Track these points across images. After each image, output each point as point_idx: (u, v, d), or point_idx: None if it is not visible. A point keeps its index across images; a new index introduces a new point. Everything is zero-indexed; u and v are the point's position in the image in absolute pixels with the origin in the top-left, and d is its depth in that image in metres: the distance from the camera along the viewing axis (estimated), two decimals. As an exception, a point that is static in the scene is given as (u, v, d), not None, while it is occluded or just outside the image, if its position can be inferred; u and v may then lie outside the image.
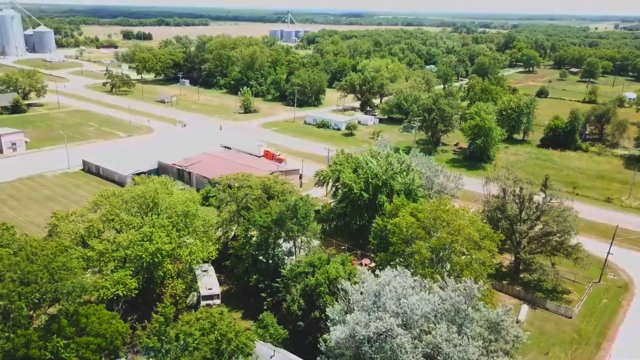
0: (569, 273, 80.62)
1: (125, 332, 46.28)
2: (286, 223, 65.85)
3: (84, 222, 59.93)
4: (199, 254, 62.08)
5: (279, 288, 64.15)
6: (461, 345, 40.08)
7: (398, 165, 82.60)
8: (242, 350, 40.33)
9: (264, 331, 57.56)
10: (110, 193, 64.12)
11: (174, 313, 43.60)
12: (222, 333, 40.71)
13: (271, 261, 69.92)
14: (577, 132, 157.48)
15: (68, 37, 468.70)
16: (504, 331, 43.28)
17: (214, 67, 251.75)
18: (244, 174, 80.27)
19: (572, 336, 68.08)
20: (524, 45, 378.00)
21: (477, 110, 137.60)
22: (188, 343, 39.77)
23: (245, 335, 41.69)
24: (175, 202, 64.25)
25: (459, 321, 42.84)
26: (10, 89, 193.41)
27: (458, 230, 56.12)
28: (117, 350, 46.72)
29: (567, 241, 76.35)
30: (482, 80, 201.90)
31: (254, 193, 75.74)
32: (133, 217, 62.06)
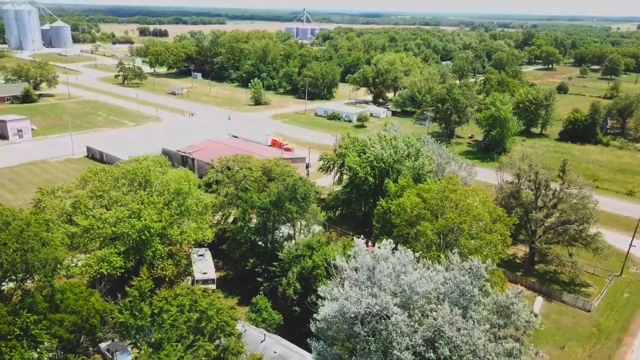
0: (587, 265, 75.65)
1: (102, 310, 42.92)
2: (284, 204, 62.21)
3: (70, 198, 56.89)
4: (191, 233, 58.70)
5: (276, 272, 60.58)
6: (466, 329, 35.88)
7: (405, 148, 78.33)
8: (222, 329, 36.69)
9: (257, 315, 54.00)
10: (100, 169, 61.19)
11: (150, 287, 40.15)
12: (201, 310, 37.14)
13: (269, 245, 66.40)
14: (598, 125, 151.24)
15: (85, 33, 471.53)
16: (514, 315, 38.87)
17: (227, 61, 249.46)
18: (243, 156, 76.81)
19: (591, 330, 63.30)
20: (543, 42, 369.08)
21: (493, 100, 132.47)
22: (164, 319, 36.29)
23: (227, 314, 38.05)
24: (168, 180, 60.99)
25: (463, 303, 38.57)
26: (21, 79, 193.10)
27: (467, 210, 51.80)
28: (94, 329, 43.38)
29: (585, 230, 71.48)
30: (499, 73, 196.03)
31: (253, 175, 72.24)
32: (123, 195, 58.93)
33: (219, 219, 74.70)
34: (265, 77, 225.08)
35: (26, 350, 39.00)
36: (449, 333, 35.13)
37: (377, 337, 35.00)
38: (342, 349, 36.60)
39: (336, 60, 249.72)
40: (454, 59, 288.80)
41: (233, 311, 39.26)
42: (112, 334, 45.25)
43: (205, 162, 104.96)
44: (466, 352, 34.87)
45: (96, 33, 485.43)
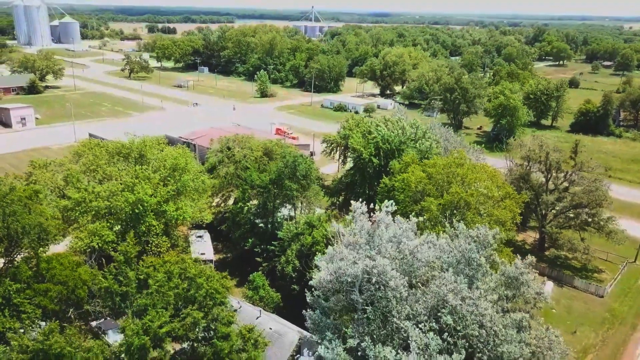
0: (600, 252, 72.88)
1: (90, 281, 40.91)
2: (284, 182, 60.01)
3: (63, 172, 55.07)
4: (187, 209, 56.60)
5: (275, 252, 58.42)
6: (471, 299, 33.50)
7: (412, 130, 75.83)
8: (212, 297, 34.53)
9: (254, 293, 51.93)
10: (95, 143, 59.39)
11: (137, 253, 38.14)
12: (190, 277, 35.01)
13: (270, 226, 64.26)
14: (610, 117, 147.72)
15: (93, 29, 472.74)
16: (523, 287, 36.43)
17: (233, 54, 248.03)
18: (244, 136, 74.69)
19: (604, 316, 60.61)
20: (554, 38, 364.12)
21: (502, 89, 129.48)
22: (149, 285, 34.22)
23: (219, 282, 35.92)
24: (165, 156, 59.05)
25: (469, 273, 36.23)
26: (28, 71, 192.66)
27: (474, 184, 49.29)
28: (81, 301, 41.37)
29: (598, 214, 68.67)
30: (509, 65, 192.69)
31: (254, 155, 70.14)
32: (118, 170, 57.06)
33: (218, 201, 72.78)
34: (272, 71, 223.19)
35: (8, 320, 37.11)
36: (453, 302, 32.77)
37: (375, 305, 32.72)
38: (339, 318, 34.35)
39: (344, 55, 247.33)
40: (463, 54, 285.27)
41: (225, 280, 37.11)
42: (101, 308, 43.21)
43: (207, 147, 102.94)
44: (471, 322, 32.45)
45: (105, 30, 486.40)
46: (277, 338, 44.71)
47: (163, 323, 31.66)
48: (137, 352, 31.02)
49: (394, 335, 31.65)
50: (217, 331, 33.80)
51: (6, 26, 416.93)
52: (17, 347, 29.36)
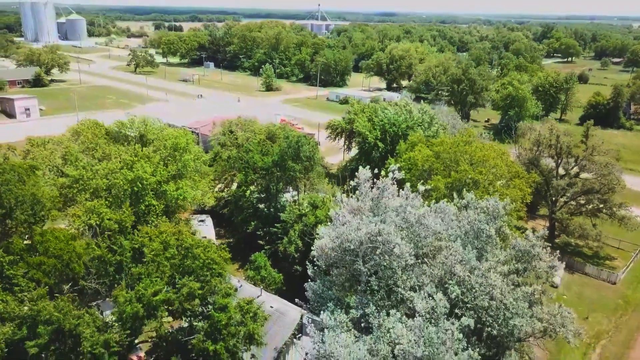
0: (612, 240, 71.01)
1: (85, 254, 39.57)
2: (287, 163, 58.58)
3: (61, 150, 53.89)
4: (187, 189, 55.26)
5: (278, 234, 57.06)
6: (480, 270, 31.93)
7: (419, 115, 74.25)
8: (210, 268, 33.14)
9: (255, 273, 50.50)
10: (93, 122, 58.15)
11: (132, 222, 36.82)
12: (186, 247, 33.62)
13: (272, 210, 62.87)
14: (621, 109, 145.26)
15: (100, 27, 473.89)
16: (535, 260, 34.79)
17: (239, 50, 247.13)
18: (247, 119, 73.35)
19: (617, 302, 58.82)
20: (562, 35, 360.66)
21: (511, 80, 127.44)
22: (144, 254, 32.89)
23: (217, 253, 34.55)
24: (165, 136, 57.78)
25: (478, 245, 34.67)
26: (33, 65, 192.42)
27: (483, 162, 47.63)
28: (76, 276, 40.01)
29: (610, 199, 66.75)
30: (517, 58, 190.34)
31: (257, 138, 68.78)
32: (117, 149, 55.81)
33: (221, 186, 71.52)
34: (278, 65, 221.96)
35: (0, 293, 35.84)
36: (461, 273, 31.19)
37: (379, 275, 31.18)
38: (342, 289, 32.82)
39: (350, 50, 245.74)
40: (470, 50, 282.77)
41: (223, 252, 35.71)
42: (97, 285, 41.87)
43: (210, 136, 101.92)
44: (480, 294, 30.85)
45: (112, 28, 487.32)
46: (279, 316, 43.31)
47: (157, 291, 30.29)
48: (130, 320, 29.70)
49: (398, 306, 30.13)
50: (215, 303, 32.39)
51: (14, 23, 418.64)
52: (4, 313, 28.11)
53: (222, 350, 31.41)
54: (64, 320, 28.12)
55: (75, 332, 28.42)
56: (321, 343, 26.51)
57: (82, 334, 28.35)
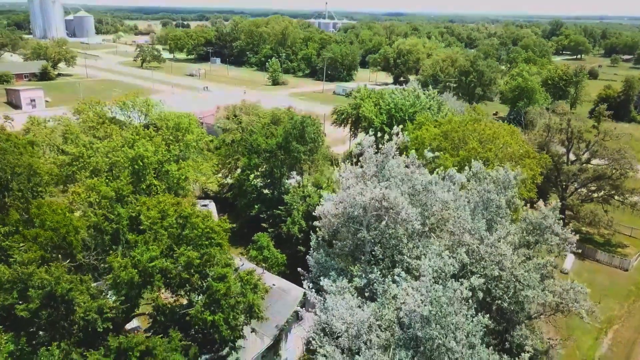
0: (624, 227, 69.38)
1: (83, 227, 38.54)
2: (292, 144, 57.44)
3: (62, 129, 53.07)
4: (189, 170, 54.25)
5: (282, 216, 55.94)
6: (489, 239, 30.59)
7: (427, 100, 72.85)
8: (208, 237, 31.99)
9: (258, 253, 49.38)
10: (96, 102, 57.34)
11: (130, 191, 35.77)
12: (184, 216, 32.50)
13: (276, 193, 61.81)
14: (632, 103, 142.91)
15: (108, 25, 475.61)
16: (547, 232, 33.40)
17: (245, 45, 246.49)
18: (251, 103, 72.34)
19: (629, 289, 57.26)
20: (571, 32, 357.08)
21: (520, 71, 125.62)
22: (141, 221, 31.80)
23: (215, 223, 33.43)
24: (167, 116, 56.86)
25: (487, 216, 33.33)
26: (40, 58, 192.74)
27: (492, 139, 46.23)
28: (73, 250, 38.95)
29: (622, 185, 65.14)
30: (525, 52, 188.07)
31: (261, 121, 67.72)
32: (119, 128, 55.01)
33: (225, 172, 70.59)
34: (284, 60, 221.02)
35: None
36: (469, 241, 29.86)
37: (384, 243, 29.94)
38: (345, 260, 31.61)
39: (357, 46, 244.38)
40: (478, 47, 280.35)
41: (222, 221, 34.57)
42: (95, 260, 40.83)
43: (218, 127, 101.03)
44: (490, 264, 29.53)
45: (119, 26, 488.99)
46: (281, 294, 42.22)
47: (153, 257, 29.18)
48: (125, 287, 28.61)
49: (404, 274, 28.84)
50: (214, 273, 31.23)
51: (22, 21, 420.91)
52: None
53: (221, 321, 30.26)
54: (55, 285, 27.08)
55: (68, 298, 27.38)
56: (322, 309, 25.30)
57: (75, 300, 27.30)
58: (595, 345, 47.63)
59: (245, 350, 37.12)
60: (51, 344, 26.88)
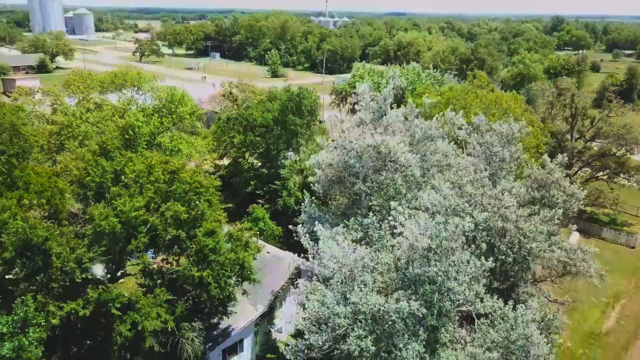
0: (630, 207, 67.67)
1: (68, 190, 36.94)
2: (288, 116, 55.83)
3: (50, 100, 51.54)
4: (181, 142, 52.70)
5: (278, 191, 54.37)
6: (493, 191, 28.94)
7: (427, 79, 71.26)
8: (197, 192, 30.35)
9: (253, 225, 47.73)
10: (87, 74, 55.79)
11: (116, 146, 34.07)
12: (172, 170, 30.84)
13: (273, 170, 60.22)
14: (636, 92, 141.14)
15: (108, 23, 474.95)
16: (554, 188, 31.78)
17: (245, 39, 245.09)
18: (247, 83, 70.82)
19: (636, 265, 55.71)
20: (573, 27, 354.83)
21: (521, 58, 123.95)
22: (125, 174, 30.17)
23: (206, 179, 31.81)
24: (160, 88, 55.30)
25: (491, 170, 31.68)
26: (38, 51, 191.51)
27: (495, 103, 44.59)
28: (58, 214, 37.32)
29: (628, 162, 63.51)
30: (527, 42, 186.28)
31: (257, 98, 66.14)
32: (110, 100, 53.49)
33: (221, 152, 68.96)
34: (284, 54, 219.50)
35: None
36: (471, 190, 28.18)
37: (382, 195, 28.31)
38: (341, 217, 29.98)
39: (357, 40, 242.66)
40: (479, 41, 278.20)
41: (213, 178, 32.95)
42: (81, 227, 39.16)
43: (213, 112, 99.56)
44: (493, 215, 27.88)
45: (119, 24, 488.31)
46: (276, 262, 40.72)
47: (137, 207, 27.54)
48: (107, 239, 26.98)
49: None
50: (202, 228, 29.58)
51: (22, 19, 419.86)
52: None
53: (210, 279, 28.60)
54: (31, 234, 25.48)
55: (45, 248, 25.77)
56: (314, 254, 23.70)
57: (52, 250, 25.68)
58: (602, 318, 45.99)
59: (237, 317, 35.54)
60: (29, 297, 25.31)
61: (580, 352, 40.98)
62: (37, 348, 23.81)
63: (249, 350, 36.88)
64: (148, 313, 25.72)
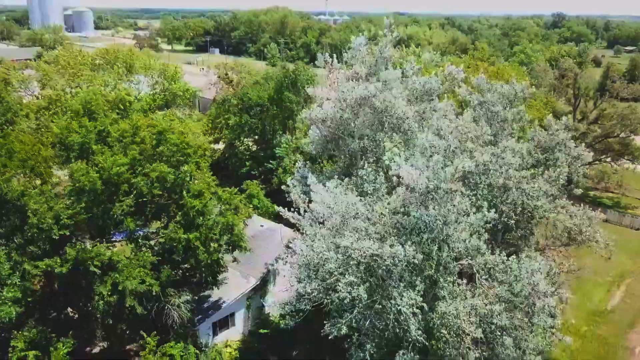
0: (635, 191, 66.30)
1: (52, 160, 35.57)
2: (284, 94, 54.45)
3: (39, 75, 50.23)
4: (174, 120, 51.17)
5: (273, 171, 53.08)
6: (495, 148, 27.53)
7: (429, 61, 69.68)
8: (183, 152, 28.92)
9: (247, 201, 46.15)
10: (77, 51, 54.52)
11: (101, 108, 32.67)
12: (158, 131, 29.41)
13: (269, 151, 58.83)
14: (638, 82, 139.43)
15: (108, 21, 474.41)
16: (558, 150, 30.37)
17: (244, 35, 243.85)
18: (243, 64, 69.46)
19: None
20: (574, 24, 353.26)
21: (523, 48, 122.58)
22: (109, 133, 28.80)
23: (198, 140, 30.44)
24: (152, 64, 53.98)
25: (492, 132, 30.25)
26: (36, 45, 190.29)
27: (496, 74, 43.21)
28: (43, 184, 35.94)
29: (633, 144, 62.12)
30: (528, 36, 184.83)
31: (253, 78, 64.80)
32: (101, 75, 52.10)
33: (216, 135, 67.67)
34: (283, 49, 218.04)
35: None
36: (472, 145, 26.76)
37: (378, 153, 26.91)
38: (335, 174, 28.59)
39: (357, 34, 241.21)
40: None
41: (206, 143, 31.52)
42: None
43: (208, 98, 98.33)
44: (495, 173, 26.49)
45: (119, 22, 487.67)
46: (270, 234, 39.38)
47: (119, 164, 26.15)
48: (87, 197, 25.57)
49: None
50: (190, 191, 28.22)
51: (21, 17, 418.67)
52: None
53: (196, 241, 27.23)
54: (6, 189, 24.14)
55: (21, 204, 24.42)
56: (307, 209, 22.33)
57: (29, 206, 24.33)
58: (607, 297, 44.56)
59: (229, 290, 34.20)
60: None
61: (584, 328, 39.56)
62: (11, 307, 22.47)
63: (240, 325, 35.49)
64: (130, 273, 24.31)
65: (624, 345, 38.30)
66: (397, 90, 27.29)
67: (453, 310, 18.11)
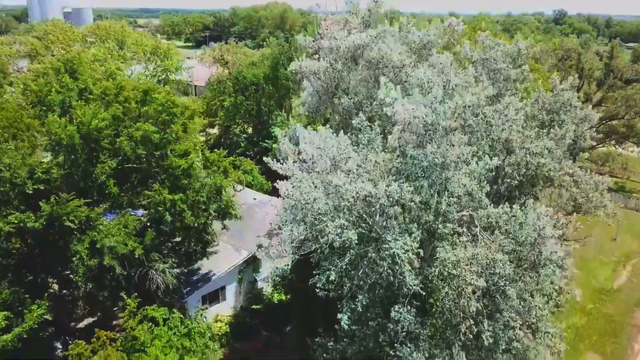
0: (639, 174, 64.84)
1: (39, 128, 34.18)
2: (280, 71, 53.01)
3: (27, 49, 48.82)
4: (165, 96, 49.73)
5: (269, 149, 51.64)
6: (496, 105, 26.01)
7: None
8: (169, 111, 27.41)
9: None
10: (68, 26, 53.06)
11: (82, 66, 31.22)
12: (143, 90, 27.89)
13: (265, 131, 57.41)
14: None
15: (108, 19, 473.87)
16: (563, 111, 28.88)
17: (244, 30, 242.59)
18: (240, 45, 67.97)
19: (647, 227, 52.67)
20: (575, 20, 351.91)
21: (524, 39, 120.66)
22: (92, 92, 27.33)
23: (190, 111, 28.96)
24: (145, 42, 52.57)
25: (494, 91, 28.70)
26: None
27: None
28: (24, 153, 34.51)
29: (638, 126, 60.60)
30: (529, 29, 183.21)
31: (249, 59, 63.36)
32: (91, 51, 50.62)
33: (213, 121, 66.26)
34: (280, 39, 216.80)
35: None
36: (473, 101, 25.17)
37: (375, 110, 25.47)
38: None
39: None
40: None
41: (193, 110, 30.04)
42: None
43: (203, 86, 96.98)
44: (497, 128, 25.02)
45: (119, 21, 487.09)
46: (262, 205, 37.91)
47: (100, 118, 24.71)
48: (64, 150, 24.12)
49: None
50: (175, 151, 26.77)
51: (20, 15, 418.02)
52: None
53: (182, 204, 25.74)
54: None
55: (-7, 158, 23.00)
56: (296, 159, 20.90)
57: (1, 160, 22.90)
58: (612, 276, 43.09)
59: (219, 262, 32.78)
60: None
61: (590, 306, 38.09)
62: (-21, 265, 21.05)
63: (232, 299, 34.05)
64: (109, 231, 22.85)
65: (630, 323, 36.86)
66: (394, 43, 25.84)
67: (453, 257, 16.64)
